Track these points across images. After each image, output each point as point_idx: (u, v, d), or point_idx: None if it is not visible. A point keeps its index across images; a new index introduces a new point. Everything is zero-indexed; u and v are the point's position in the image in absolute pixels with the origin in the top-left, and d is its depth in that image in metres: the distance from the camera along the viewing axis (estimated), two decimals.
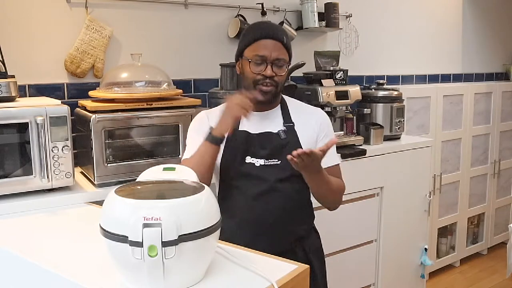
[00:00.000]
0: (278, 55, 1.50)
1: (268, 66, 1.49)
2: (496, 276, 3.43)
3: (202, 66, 2.45)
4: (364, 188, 2.45)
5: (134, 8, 2.24)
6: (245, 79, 1.54)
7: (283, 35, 1.53)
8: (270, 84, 1.51)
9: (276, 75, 1.50)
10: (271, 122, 1.58)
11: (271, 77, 1.50)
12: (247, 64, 1.52)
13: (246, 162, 1.53)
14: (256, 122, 1.56)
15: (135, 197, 0.97)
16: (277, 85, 1.52)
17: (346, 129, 2.62)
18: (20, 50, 1.98)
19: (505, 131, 3.80)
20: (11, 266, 1.20)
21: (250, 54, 1.51)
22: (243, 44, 1.55)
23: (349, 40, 3.04)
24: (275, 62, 1.50)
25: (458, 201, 3.49)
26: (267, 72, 1.49)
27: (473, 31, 3.89)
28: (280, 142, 1.53)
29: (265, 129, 1.56)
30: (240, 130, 1.55)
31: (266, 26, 1.56)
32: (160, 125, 1.89)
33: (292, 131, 1.56)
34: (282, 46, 1.51)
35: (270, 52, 1.49)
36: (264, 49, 1.49)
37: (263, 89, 1.51)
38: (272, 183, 1.51)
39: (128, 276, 0.98)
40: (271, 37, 1.50)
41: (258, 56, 1.49)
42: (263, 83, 1.50)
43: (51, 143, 1.64)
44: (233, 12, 2.53)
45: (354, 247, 2.46)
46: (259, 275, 1.04)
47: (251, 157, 1.53)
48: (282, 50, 1.51)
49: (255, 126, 1.56)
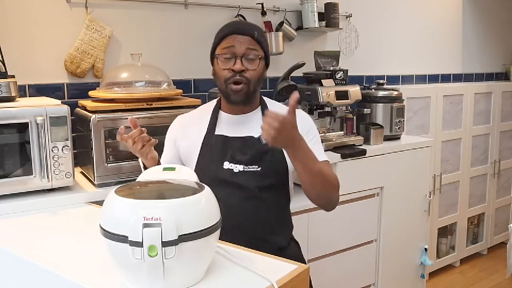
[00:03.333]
0: (246, 48, 1.41)
1: (237, 60, 1.40)
2: (496, 276, 3.43)
3: (202, 66, 2.44)
4: (364, 188, 2.45)
5: (134, 8, 2.25)
6: (218, 78, 1.46)
7: (254, 30, 1.44)
8: (240, 81, 1.41)
9: (247, 69, 1.41)
10: (250, 126, 1.48)
11: (241, 73, 1.40)
12: (217, 61, 1.45)
13: (224, 168, 1.44)
14: (234, 125, 1.49)
15: (135, 197, 0.97)
16: (249, 82, 1.42)
17: (346, 129, 2.62)
18: (20, 50, 1.98)
19: (505, 131, 3.80)
20: (11, 266, 1.20)
21: (219, 51, 1.44)
22: (214, 44, 1.48)
23: (349, 40, 3.04)
24: (244, 55, 1.41)
25: (458, 201, 3.49)
26: (236, 67, 1.40)
27: (473, 31, 3.89)
28: (261, 148, 1.42)
29: (244, 133, 1.47)
30: (217, 134, 1.49)
31: (235, 23, 1.49)
32: (160, 125, 1.89)
33: None
34: (253, 40, 1.43)
35: (239, 46, 1.40)
36: (232, 43, 1.41)
37: (233, 88, 1.41)
38: (252, 191, 1.42)
39: (128, 276, 0.98)
40: (240, 32, 1.42)
41: (226, 49, 1.41)
42: (234, 81, 1.41)
43: (51, 143, 1.64)
44: (233, 12, 2.53)
45: (354, 247, 2.46)
46: (259, 275, 1.03)
47: (229, 162, 1.44)
48: (253, 43, 1.42)
49: (233, 129, 1.49)
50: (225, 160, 1.45)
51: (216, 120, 1.52)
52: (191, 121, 1.58)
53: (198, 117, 1.57)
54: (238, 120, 1.51)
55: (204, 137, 1.50)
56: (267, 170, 1.45)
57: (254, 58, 1.43)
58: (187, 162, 1.52)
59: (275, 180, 1.47)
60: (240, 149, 1.45)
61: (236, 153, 1.44)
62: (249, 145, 1.46)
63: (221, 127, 1.50)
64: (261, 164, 1.45)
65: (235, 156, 1.44)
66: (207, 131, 1.50)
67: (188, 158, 1.52)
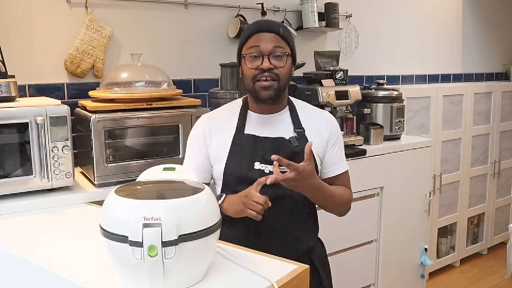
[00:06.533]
0: (273, 46, 1.39)
1: (264, 58, 1.38)
2: (496, 276, 3.43)
3: (202, 66, 2.45)
4: (364, 188, 2.45)
5: (134, 8, 2.25)
6: (245, 78, 1.43)
7: (279, 27, 1.42)
8: (270, 78, 1.39)
9: (276, 67, 1.39)
10: (280, 127, 1.48)
11: (270, 70, 1.38)
12: (244, 61, 1.42)
13: (255, 168, 1.43)
14: (263, 125, 1.48)
15: (135, 197, 0.97)
16: (278, 78, 1.40)
17: (346, 129, 2.62)
18: (20, 50, 1.98)
19: (505, 131, 3.80)
20: (11, 266, 1.20)
21: (246, 51, 1.42)
22: (240, 44, 1.46)
23: (349, 40, 3.04)
24: (272, 53, 1.39)
25: (458, 201, 3.49)
26: (264, 65, 1.38)
27: (473, 31, 3.89)
28: (292, 150, 1.43)
29: (274, 134, 1.46)
30: (246, 133, 1.47)
31: (261, 21, 1.47)
32: (160, 125, 1.89)
33: (303, 137, 1.46)
34: (279, 37, 1.41)
35: (265, 43, 1.39)
36: (258, 41, 1.39)
37: (263, 84, 1.39)
38: (283, 190, 1.38)
39: (128, 276, 0.98)
40: (265, 30, 1.40)
41: (252, 49, 1.40)
42: (262, 77, 1.39)
43: (51, 143, 1.64)
44: (233, 12, 2.53)
45: (354, 247, 2.46)
46: (259, 275, 1.04)
47: (260, 162, 1.43)
48: (279, 40, 1.41)
49: (263, 129, 1.47)
50: (256, 161, 1.44)
51: (245, 120, 1.49)
52: (218, 119, 1.53)
53: (225, 116, 1.53)
54: (268, 120, 1.49)
55: (234, 136, 1.47)
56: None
57: (282, 55, 1.41)
58: (216, 161, 1.49)
59: None
60: (271, 150, 1.41)
61: (267, 154, 1.40)
62: (280, 147, 1.44)
63: (250, 127, 1.48)
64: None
65: (266, 157, 1.41)
66: (236, 130, 1.48)
67: (218, 157, 1.48)
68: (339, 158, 1.52)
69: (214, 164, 1.49)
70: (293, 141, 1.45)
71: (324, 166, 1.53)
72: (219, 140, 1.49)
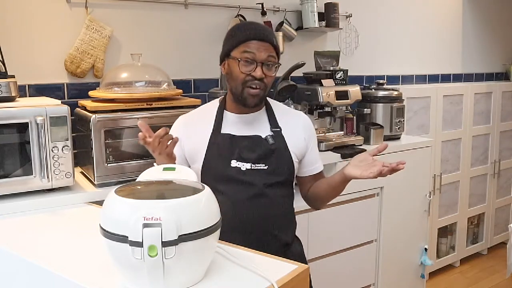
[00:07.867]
0: (268, 56, 1.45)
1: (258, 67, 1.44)
2: (496, 276, 3.43)
3: (202, 66, 2.45)
4: (364, 188, 2.45)
5: (134, 8, 2.25)
6: (233, 80, 1.47)
7: (272, 37, 1.48)
8: (259, 86, 1.45)
9: (266, 76, 1.46)
10: (257, 126, 1.53)
11: (260, 79, 1.44)
12: (236, 64, 1.45)
13: (232, 166, 1.47)
14: (240, 125, 1.52)
15: (135, 197, 0.97)
16: (266, 88, 1.48)
17: (346, 129, 2.62)
18: (20, 50, 1.98)
19: (505, 131, 3.80)
20: (11, 266, 1.20)
21: (239, 54, 1.45)
22: (230, 45, 1.48)
23: (349, 40, 3.04)
24: (265, 62, 1.45)
25: (458, 201, 3.49)
26: (257, 73, 1.43)
27: (473, 31, 3.89)
28: (268, 147, 1.49)
29: (251, 132, 1.51)
30: (223, 132, 1.51)
31: (256, 27, 1.50)
32: (160, 125, 1.88)
33: (280, 136, 1.52)
34: (272, 47, 1.47)
35: (260, 52, 1.44)
36: (254, 49, 1.44)
37: (252, 92, 1.45)
38: (260, 188, 1.46)
39: (128, 276, 0.98)
40: (261, 39, 1.45)
41: (248, 54, 1.44)
42: (252, 85, 1.45)
43: (51, 143, 1.64)
44: (233, 12, 2.53)
45: (354, 247, 2.46)
46: (259, 275, 1.04)
47: (236, 160, 1.47)
48: (272, 50, 1.47)
49: (240, 129, 1.52)
50: (233, 158, 1.48)
51: (222, 120, 1.53)
52: (194, 120, 1.58)
53: (201, 117, 1.58)
54: (244, 119, 1.53)
55: (211, 136, 1.50)
56: (274, 168, 1.48)
57: (272, 65, 1.48)
58: (193, 161, 1.53)
59: (281, 178, 1.51)
60: (248, 148, 1.48)
61: (243, 152, 1.47)
62: (256, 144, 1.49)
63: (227, 127, 1.52)
64: (268, 162, 1.48)
65: (242, 155, 1.47)
66: (213, 130, 1.51)
67: (194, 156, 1.52)
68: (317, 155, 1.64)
69: (191, 163, 1.53)
70: (269, 139, 1.50)
71: (306, 165, 1.61)
72: (196, 140, 1.52)
